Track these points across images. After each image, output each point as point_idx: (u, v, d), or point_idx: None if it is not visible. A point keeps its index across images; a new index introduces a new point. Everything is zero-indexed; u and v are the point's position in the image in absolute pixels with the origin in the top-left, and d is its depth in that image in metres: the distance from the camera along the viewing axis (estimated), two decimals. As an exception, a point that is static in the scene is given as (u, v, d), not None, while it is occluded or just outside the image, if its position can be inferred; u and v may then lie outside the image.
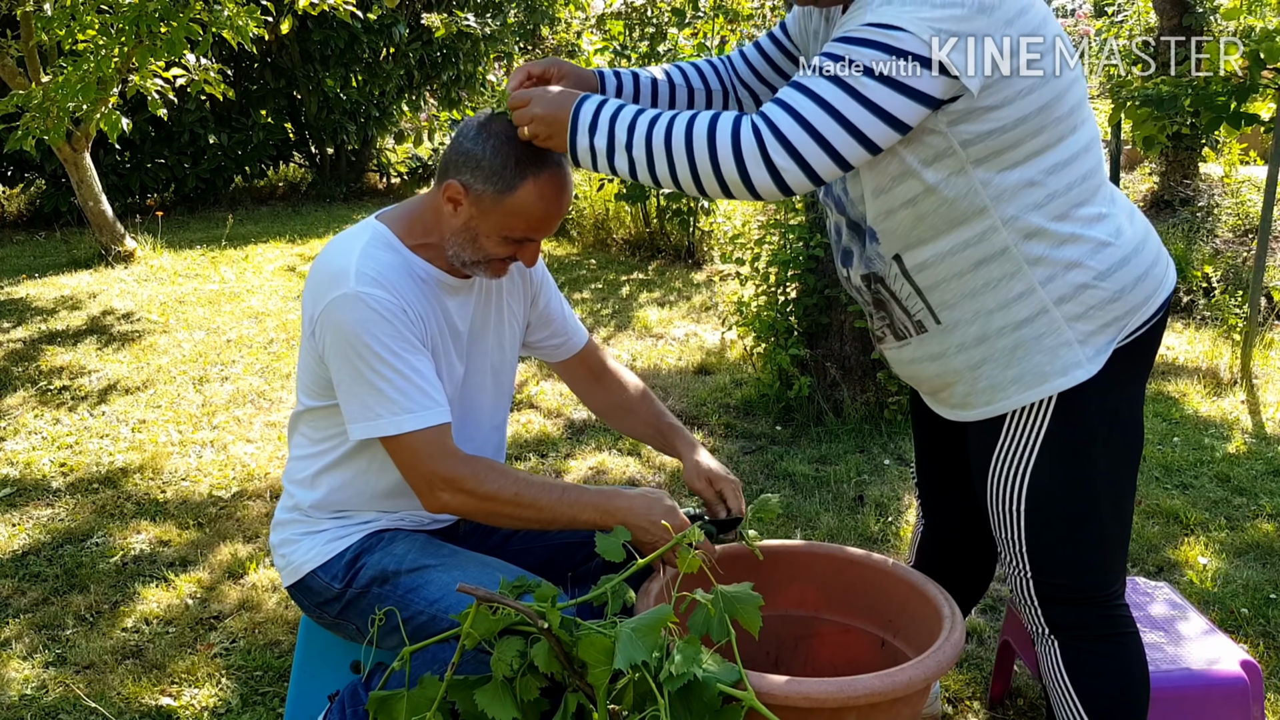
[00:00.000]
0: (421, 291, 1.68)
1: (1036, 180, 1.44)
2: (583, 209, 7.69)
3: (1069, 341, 1.49)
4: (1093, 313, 1.49)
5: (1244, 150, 7.37)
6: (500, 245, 1.66)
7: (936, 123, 1.41)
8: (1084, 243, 1.47)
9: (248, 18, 5.75)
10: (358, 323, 1.58)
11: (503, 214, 1.62)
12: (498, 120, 1.62)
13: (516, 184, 1.60)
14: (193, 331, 5.33)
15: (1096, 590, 1.59)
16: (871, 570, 1.83)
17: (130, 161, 9.04)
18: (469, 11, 9.20)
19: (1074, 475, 1.55)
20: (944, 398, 1.65)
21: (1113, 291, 1.49)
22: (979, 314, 1.52)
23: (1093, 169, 1.49)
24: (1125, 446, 1.58)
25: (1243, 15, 4.41)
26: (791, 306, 3.96)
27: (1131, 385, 1.57)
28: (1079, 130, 1.47)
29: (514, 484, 1.63)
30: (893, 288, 1.60)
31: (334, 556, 1.74)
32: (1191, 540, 2.94)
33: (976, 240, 1.48)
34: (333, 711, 1.72)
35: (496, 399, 1.89)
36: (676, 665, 1.33)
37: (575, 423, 4.00)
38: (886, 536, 3.01)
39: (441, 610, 1.61)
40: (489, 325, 1.83)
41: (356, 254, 1.64)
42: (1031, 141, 1.43)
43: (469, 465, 1.62)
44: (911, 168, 1.46)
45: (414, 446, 1.60)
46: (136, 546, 3.00)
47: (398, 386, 1.59)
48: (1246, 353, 4.32)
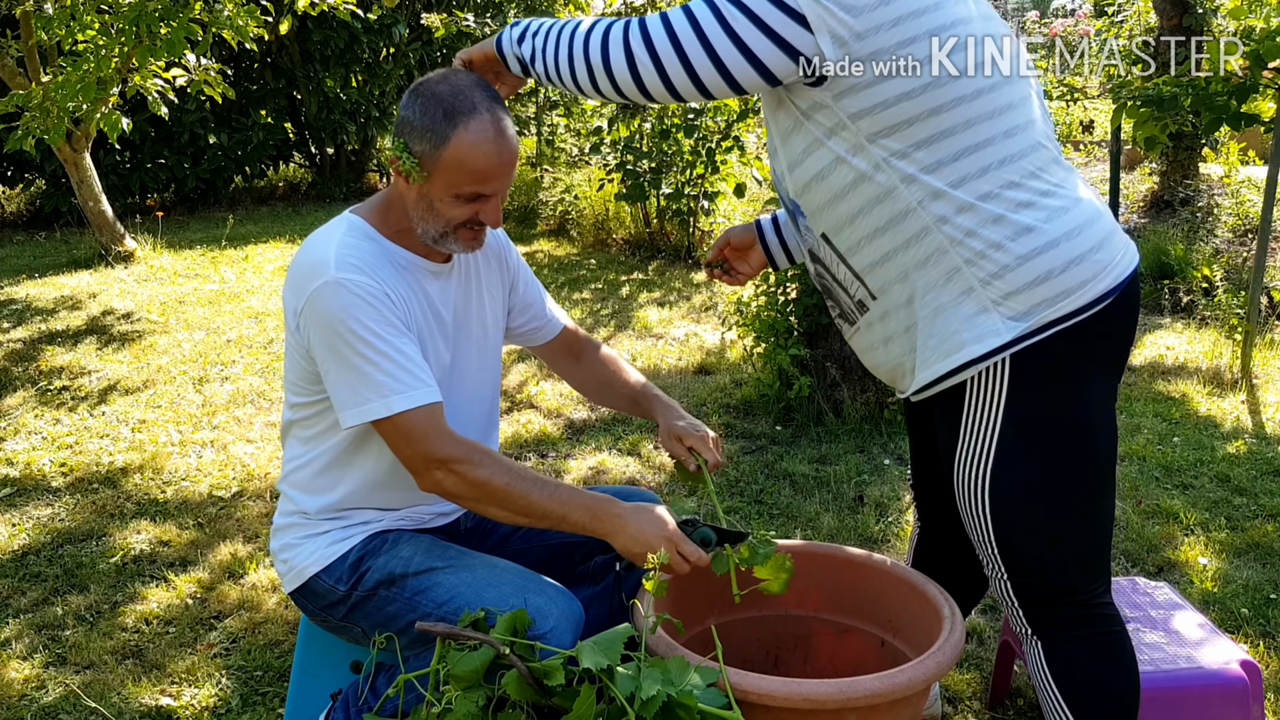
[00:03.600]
0: (403, 278, 1.68)
1: (946, 162, 1.46)
2: (583, 209, 7.69)
3: (990, 315, 1.50)
4: (1018, 293, 1.48)
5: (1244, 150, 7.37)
6: (455, 206, 1.64)
7: (822, 96, 1.47)
8: (1008, 225, 1.48)
9: (248, 18, 5.75)
10: (341, 308, 1.58)
11: (444, 171, 1.60)
12: (426, 83, 1.63)
13: (449, 135, 1.59)
14: (193, 331, 5.33)
15: (1076, 590, 1.58)
16: (871, 570, 1.83)
17: (130, 161, 9.05)
18: (469, 11, 9.19)
19: (1035, 471, 1.54)
20: (899, 381, 1.68)
21: (1038, 273, 1.48)
22: (909, 293, 1.55)
23: (1020, 152, 1.49)
24: (1089, 443, 1.55)
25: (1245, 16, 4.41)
26: (791, 306, 3.96)
27: (1089, 380, 1.55)
28: (1001, 115, 1.48)
29: (507, 474, 1.60)
30: (832, 270, 1.64)
31: (337, 559, 1.73)
32: (1191, 540, 2.94)
33: (898, 220, 1.50)
34: (335, 710, 1.72)
35: (485, 384, 1.89)
36: (644, 689, 1.33)
37: (575, 423, 4.00)
38: (886, 536, 3.01)
39: (450, 612, 1.61)
40: (472, 310, 1.83)
41: (334, 244, 1.64)
42: (929, 121, 1.45)
43: (463, 447, 1.60)
44: (817, 137, 1.51)
45: (406, 427, 1.58)
46: (136, 546, 3.00)
47: (384, 369, 1.58)
48: (1247, 353, 4.32)
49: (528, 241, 7.82)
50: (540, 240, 7.90)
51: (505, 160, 1.63)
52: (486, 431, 1.91)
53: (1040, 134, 1.54)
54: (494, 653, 1.42)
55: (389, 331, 1.60)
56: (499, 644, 1.42)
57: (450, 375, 1.79)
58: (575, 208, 7.79)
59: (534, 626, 1.53)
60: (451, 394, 1.78)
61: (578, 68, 1.55)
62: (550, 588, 1.64)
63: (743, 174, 6.66)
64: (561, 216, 7.99)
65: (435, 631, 1.45)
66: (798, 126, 1.53)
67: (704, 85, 1.49)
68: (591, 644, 1.39)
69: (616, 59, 1.51)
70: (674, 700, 1.33)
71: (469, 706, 1.40)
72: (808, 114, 1.50)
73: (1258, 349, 4.51)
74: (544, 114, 8.91)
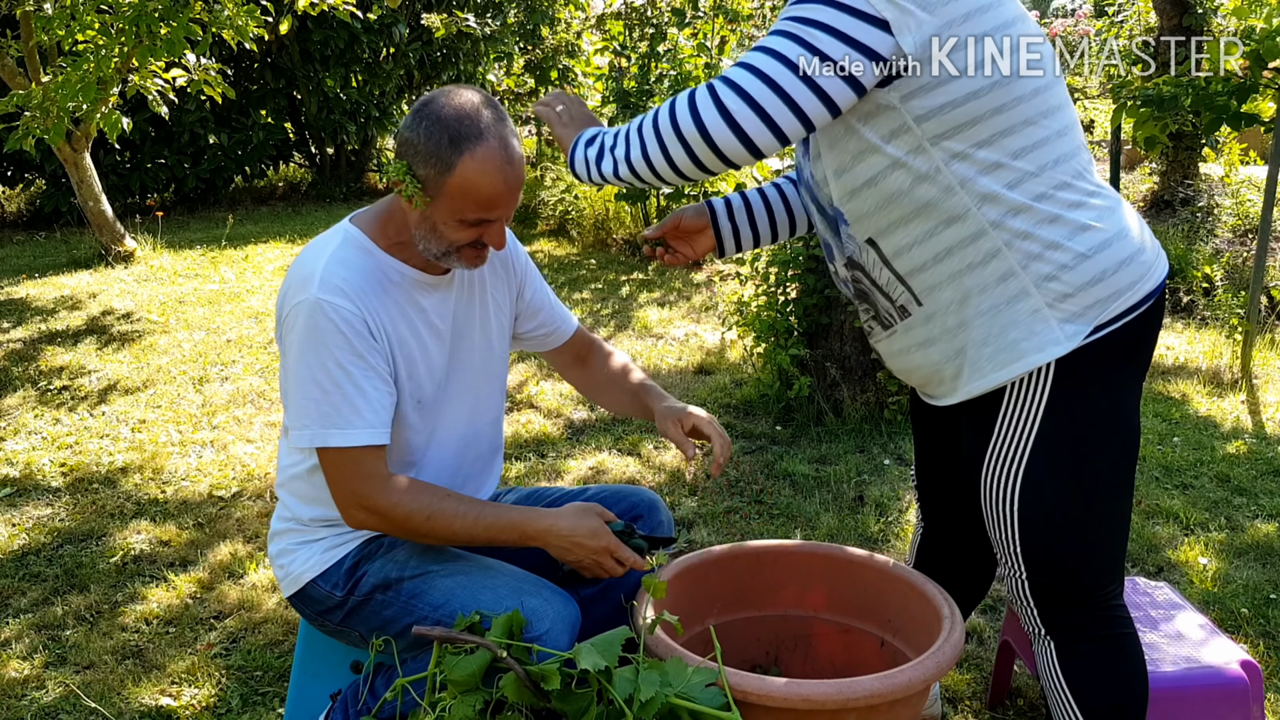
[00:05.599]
0: (392, 296, 1.67)
1: (1005, 162, 1.45)
2: (583, 209, 7.69)
3: (1047, 320, 1.49)
4: (1075, 294, 1.48)
5: (1244, 150, 7.37)
6: (459, 230, 1.62)
7: (889, 98, 1.43)
8: (1065, 224, 1.47)
9: (248, 18, 5.75)
10: (313, 330, 1.58)
11: (449, 196, 1.58)
12: (431, 104, 1.60)
13: (454, 162, 1.56)
14: (193, 331, 5.33)
15: (1093, 591, 1.59)
16: (871, 570, 1.83)
17: (130, 161, 9.05)
18: (469, 12, 9.20)
19: (1068, 473, 1.54)
20: (934, 386, 1.66)
21: (1095, 273, 1.48)
22: (960, 296, 1.53)
23: (1071, 152, 1.50)
24: (1121, 445, 1.57)
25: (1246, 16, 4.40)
26: (791, 306, 3.96)
27: (1125, 383, 1.56)
28: (1053, 115, 1.48)
29: (428, 506, 1.61)
30: (873, 274, 1.61)
31: (333, 565, 1.74)
32: (1191, 540, 2.94)
33: (953, 222, 1.49)
34: (335, 711, 1.72)
35: (489, 394, 1.88)
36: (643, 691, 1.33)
37: (575, 423, 4.00)
38: (886, 536, 3.00)
39: (446, 615, 1.61)
40: (474, 320, 1.82)
41: (325, 258, 1.63)
42: (992, 120, 1.44)
43: (386, 490, 1.60)
44: (871, 143, 1.48)
45: (337, 463, 1.60)
46: (136, 546, 3.00)
47: (332, 401, 1.58)
48: (1247, 353, 4.31)
49: (528, 241, 7.82)
50: (540, 240, 7.90)
51: (512, 186, 1.61)
52: (491, 440, 1.91)
53: (1081, 135, 1.55)
54: (491, 656, 1.42)
55: (352, 363, 1.59)
56: (495, 647, 1.42)
57: (448, 387, 1.78)
58: (575, 207, 7.79)
59: (529, 628, 1.54)
60: (451, 404, 1.78)
61: (668, 145, 1.47)
62: (546, 589, 1.64)
63: (742, 174, 6.66)
64: (561, 216, 7.99)
65: (432, 636, 1.45)
66: (850, 133, 1.49)
67: (807, 119, 1.42)
68: (589, 646, 1.39)
69: (710, 120, 1.43)
70: (672, 702, 1.33)
71: (466, 711, 1.40)
72: (866, 119, 1.47)
73: (1258, 349, 4.51)
74: (544, 114, 8.90)
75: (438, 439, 1.78)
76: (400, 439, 1.72)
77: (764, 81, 1.41)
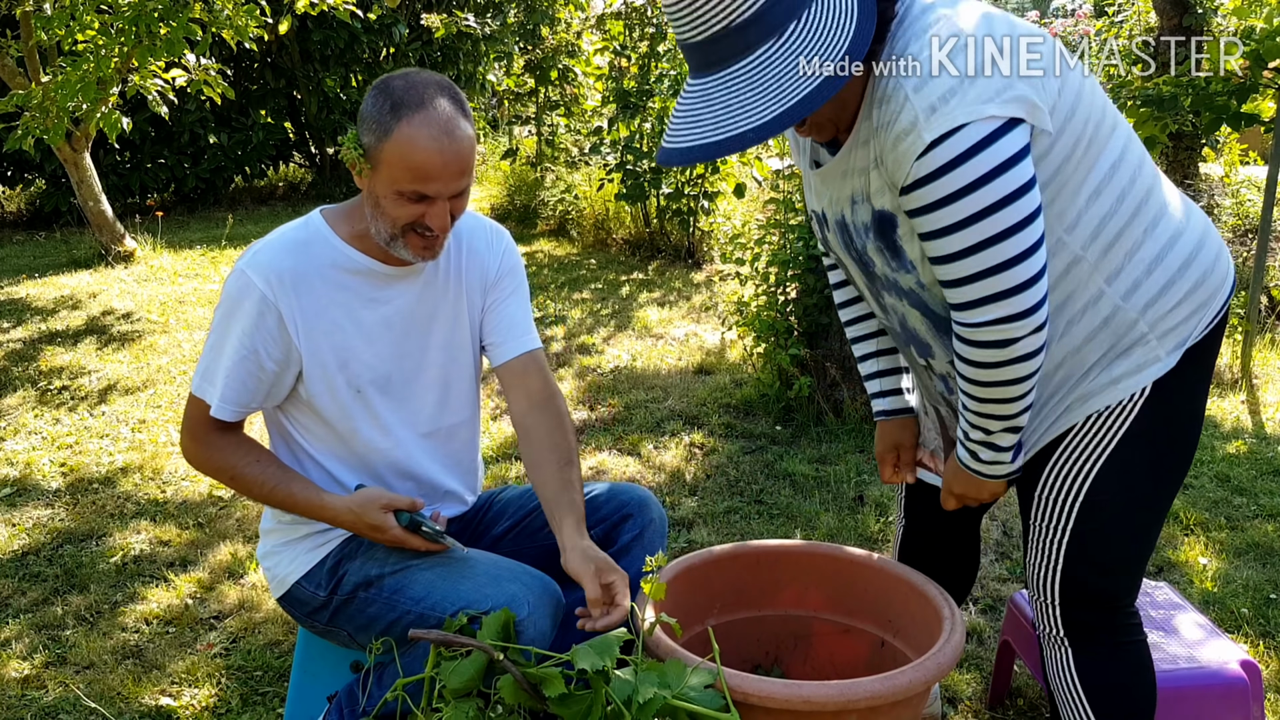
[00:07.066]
0: (333, 284, 1.68)
1: (1092, 196, 1.40)
2: (583, 209, 7.69)
3: (1146, 340, 1.46)
4: (1178, 307, 1.46)
5: (1244, 150, 7.36)
6: (399, 205, 1.59)
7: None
8: (1157, 241, 1.44)
9: (248, 18, 5.75)
10: (230, 294, 1.67)
11: (387, 164, 1.56)
12: (387, 79, 1.60)
13: (392, 128, 1.54)
14: (193, 331, 5.33)
15: (1120, 595, 1.58)
16: (871, 570, 1.83)
17: (130, 161, 9.05)
18: (469, 11, 9.19)
19: (1145, 476, 1.52)
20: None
21: (1196, 278, 1.46)
22: (1066, 354, 1.48)
23: (1136, 170, 1.45)
24: (1190, 452, 1.56)
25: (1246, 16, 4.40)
26: (791, 306, 3.96)
27: (1203, 387, 1.55)
28: (1113, 137, 1.43)
29: (233, 467, 1.70)
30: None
31: (315, 565, 1.75)
32: (1191, 540, 2.94)
33: (1064, 282, 1.43)
34: (331, 712, 1.72)
35: (460, 390, 1.83)
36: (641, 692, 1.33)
37: (575, 423, 4.00)
38: (886, 536, 3.00)
39: (428, 607, 1.62)
40: (443, 314, 1.78)
41: (274, 239, 1.70)
42: (1078, 166, 1.39)
43: (206, 446, 1.70)
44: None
45: (187, 409, 1.72)
46: (136, 546, 3.00)
47: (207, 358, 1.70)
48: (1246, 353, 4.31)
49: (528, 241, 7.82)
50: (540, 240, 7.89)
51: (448, 159, 1.56)
52: (470, 439, 1.88)
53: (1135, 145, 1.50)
54: (487, 658, 1.43)
55: (230, 331, 1.66)
56: (492, 650, 1.42)
57: (409, 378, 1.76)
58: (575, 207, 7.79)
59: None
60: (413, 398, 1.77)
61: (993, 386, 1.41)
62: (523, 573, 1.64)
63: (742, 174, 6.66)
64: (561, 216, 7.99)
65: (429, 639, 1.45)
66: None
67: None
68: (587, 647, 1.38)
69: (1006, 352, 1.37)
70: (671, 703, 1.33)
71: (462, 717, 1.40)
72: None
73: (1258, 349, 4.50)
74: (544, 114, 8.90)
75: (400, 434, 1.76)
76: (347, 429, 1.72)
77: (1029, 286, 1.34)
